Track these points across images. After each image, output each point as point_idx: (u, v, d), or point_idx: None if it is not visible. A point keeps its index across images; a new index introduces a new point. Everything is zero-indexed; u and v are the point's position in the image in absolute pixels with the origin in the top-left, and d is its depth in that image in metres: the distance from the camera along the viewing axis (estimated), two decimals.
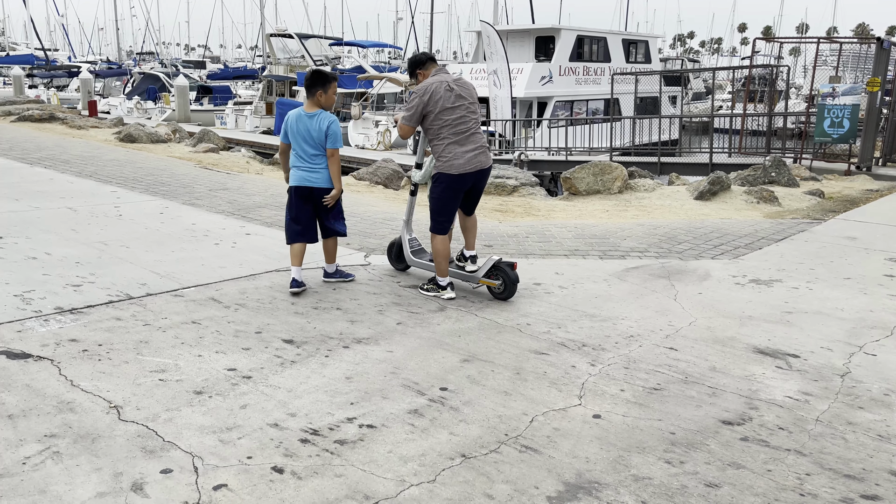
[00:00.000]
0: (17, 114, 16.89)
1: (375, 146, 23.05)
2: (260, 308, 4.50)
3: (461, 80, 4.87)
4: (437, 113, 4.70)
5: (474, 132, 4.80)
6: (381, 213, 7.80)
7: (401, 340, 4.05)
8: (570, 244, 6.52)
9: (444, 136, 4.73)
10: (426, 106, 4.71)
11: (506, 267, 4.86)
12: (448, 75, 4.83)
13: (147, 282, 4.91)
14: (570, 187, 9.71)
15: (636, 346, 4.07)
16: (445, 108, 4.70)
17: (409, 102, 4.81)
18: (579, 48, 23.15)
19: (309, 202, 4.89)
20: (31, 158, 10.54)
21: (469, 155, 4.74)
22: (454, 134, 4.73)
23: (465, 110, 4.76)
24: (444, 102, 4.70)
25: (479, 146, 4.79)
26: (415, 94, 4.76)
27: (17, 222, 6.41)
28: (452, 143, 4.72)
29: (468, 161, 4.73)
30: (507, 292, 4.87)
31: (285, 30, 34.36)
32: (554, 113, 22.01)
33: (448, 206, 4.83)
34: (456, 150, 4.72)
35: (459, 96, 4.76)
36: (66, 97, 34.85)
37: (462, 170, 4.71)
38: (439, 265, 4.91)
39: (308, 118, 4.82)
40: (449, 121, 4.71)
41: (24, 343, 3.74)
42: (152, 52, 63.52)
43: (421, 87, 4.76)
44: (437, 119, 4.71)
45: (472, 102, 4.83)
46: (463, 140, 4.74)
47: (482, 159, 4.79)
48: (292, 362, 3.68)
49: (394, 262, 5.57)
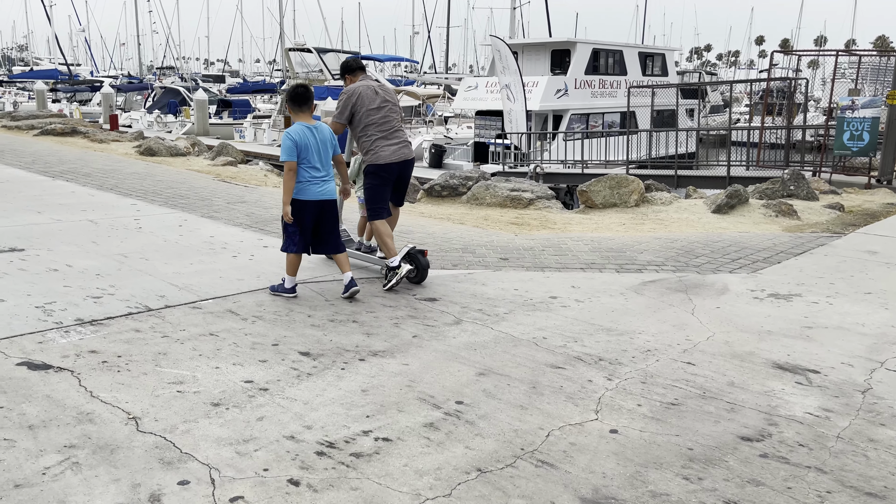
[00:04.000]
0: (40, 127, 17.17)
1: None
2: (277, 320, 4.53)
3: (384, 85, 5.56)
4: (363, 112, 5.27)
5: (397, 129, 5.40)
6: (398, 226, 7.81)
7: (416, 353, 4.05)
8: (587, 257, 6.50)
9: (372, 133, 5.30)
10: (354, 105, 5.29)
11: (418, 254, 5.37)
12: (373, 81, 5.46)
13: (166, 294, 4.96)
14: (587, 200, 9.69)
15: (653, 361, 4.05)
16: (371, 109, 5.29)
17: (338, 103, 5.35)
18: (595, 61, 23.18)
19: (317, 214, 4.96)
20: (54, 171, 10.71)
21: (393, 147, 5.33)
22: (380, 130, 5.31)
23: (389, 110, 5.37)
24: (369, 103, 5.28)
25: (402, 141, 5.42)
26: (343, 95, 5.33)
27: (39, 234, 6.51)
28: (379, 139, 5.31)
29: (393, 153, 5.32)
30: (420, 276, 5.38)
31: (304, 44, 34.73)
32: (570, 126, 22.01)
33: (379, 194, 5.38)
34: (382, 143, 5.31)
35: (384, 99, 5.36)
36: (89, 111, 35.39)
37: (388, 160, 5.30)
38: (385, 245, 5.34)
39: (315, 132, 4.90)
40: (375, 119, 5.30)
41: (45, 354, 3.79)
42: (172, 67, 64.44)
43: (349, 89, 5.35)
44: (365, 117, 5.28)
45: (395, 104, 5.46)
46: (388, 135, 5.34)
47: (405, 152, 5.41)
48: (308, 375, 3.70)
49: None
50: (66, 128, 16.77)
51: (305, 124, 4.89)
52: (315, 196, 4.89)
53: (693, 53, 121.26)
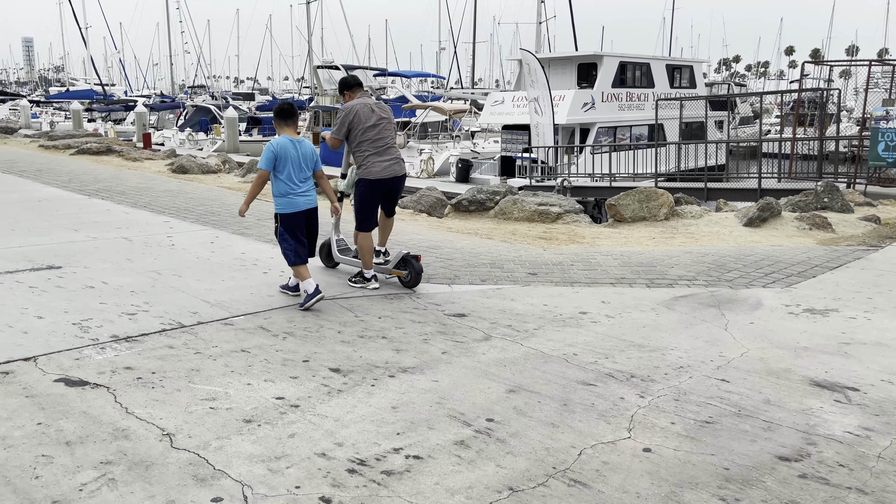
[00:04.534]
0: (76, 147, 17.59)
1: (419, 174, 23.28)
2: (307, 336, 4.56)
3: (380, 103, 5.78)
4: (359, 128, 5.53)
5: (390, 146, 5.65)
6: (426, 241, 7.85)
7: (446, 370, 4.04)
8: (617, 272, 6.45)
9: (366, 149, 5.55)
10: (350, 122, 5.54)
11: (412, 259, 5.69)
12: (370, 99, 5.70)
13: (198, 310, 5.02)
14: (616, 214, 9.63)
15: (686, 378, 3.99)
16: (367, 126, 5.54)
17: (336, 120, 5.63)
18: (622, 74, 23.08)
19: (304, 223, 5.25)
20: (89, 190, 10.95)
21: (385, 164, 5.59)
22: (374, 147, 5.56)
23: (383, 128, 5.61)
24: (365, 120, 5.53)
25: (394, 157, 5.66)
26: (341, 112, 5.60)
27: (75, 252, 6.65)
28: (372, 154, 5.56)
29: (384, 169, 5.57)
30: (413, 281, 5.70)
31: (332, 62, 35.18)
32: (597, 139, 21.92)
33: (368, 207, 5.66)
34: (375, 159, 5.56)
35: (379, 116, 5.60)
36: (123, 130, 36.20)
37: (379, 175, 5.56)
38: (364, 259, 5.68)
39: (297, 145, 5.18)
40: (370, 136, 5.55)
41: (82, 371, 3.86)
42: (204, 86, 65.66)
43: (346, 106, 5.61)
44: (361, 134, 5.53)
45: (390, 122, 5.68)
46: (381, 151, 5.58)
47: (396, 168, 5.65)
48: (339, 391, 3.71)
49: (325, 260, 6.38)
50: (101, 147, 17.16)
51: (289, 138, 5.17)
52: (299, 207, 5.20)
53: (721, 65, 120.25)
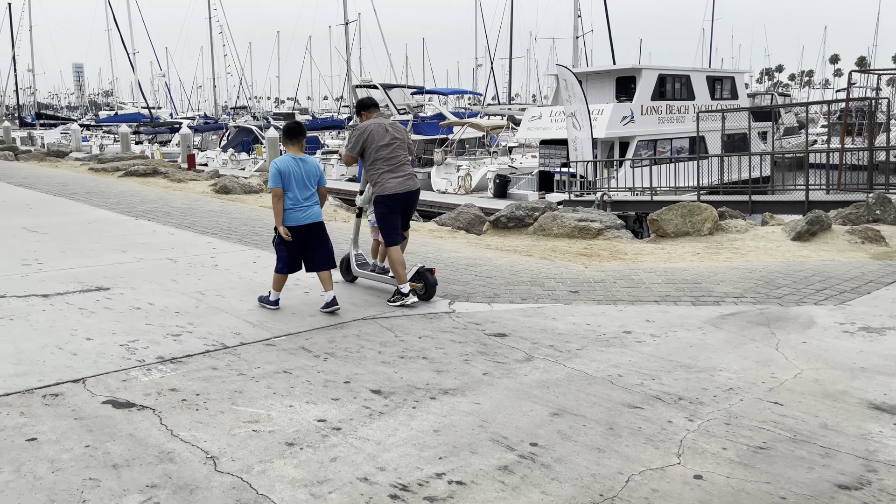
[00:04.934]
0: (123, 169, 18.08)
1: (457, 190, 23.32)
2: (348, 357, 4.55)
3: (395, 123, 6.07)
4: (373, 147, 5.80)
5: (403, 163, 5.91)
6: (464, 259, 7.81)
7: (487, 392, 3.99)
8: (661, 289, 6.31)
9: (380, 167, 5.82)
10: (365, 141, 5.82)
11: (426, 273, 5.90)
12: (385, 119, 6.01)
13: (241, 331, 5.07)
14: (658, 229, 9.47)
15: (737, 400, 3.86)
16: (381, 145, 5.80)
17: (350, 138, 5.97)
18: (661, 87, 22.83)
19: (306, 236, 5.53)
20: (136, 211, 11.22)
21: (399, 180, 5.83)
22: (387, 164, 5.82)
23: (397, 147, 5.87)
24: (378, 140, 5.80)
25: (407, 174, 5.91)
26: (356, 131, 5.91)
27: (123, 273, 6.80)
28: (385, 172, 5.82)
29: (398, 185, 5.82)
30: (428, 293, 5.88)
31: (370, 81, 35.61)
32: (636, 152, 21.69)
33: (389, 222, 5.89)
34: (388, 176, 5.82)
35: (393, 136, 5.88)
36: (168, 151, 37.12)
37: (393, 191, 5.81)
38: (398, 273, 5.80)
39: (301, 163, 5.50)
40: (383, 154, 5.81)
41: (129, 392, 3.91)
42: (246, 107, 67.08)
43: (361, 126, 5.92)
44: (375, 152, 5.80)
45: (403, 141, 5.95)
46: (394, 169, 5.84)
47: (409, 184, 5.90)
48: (380, 413, 3.68)
49: (344, 273, 6.59)
50: (148, 169, 17.61)
51: (293, 156, 5.52)
52: (299, 221, 5.46)
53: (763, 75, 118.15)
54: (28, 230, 9.18)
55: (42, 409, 3.67)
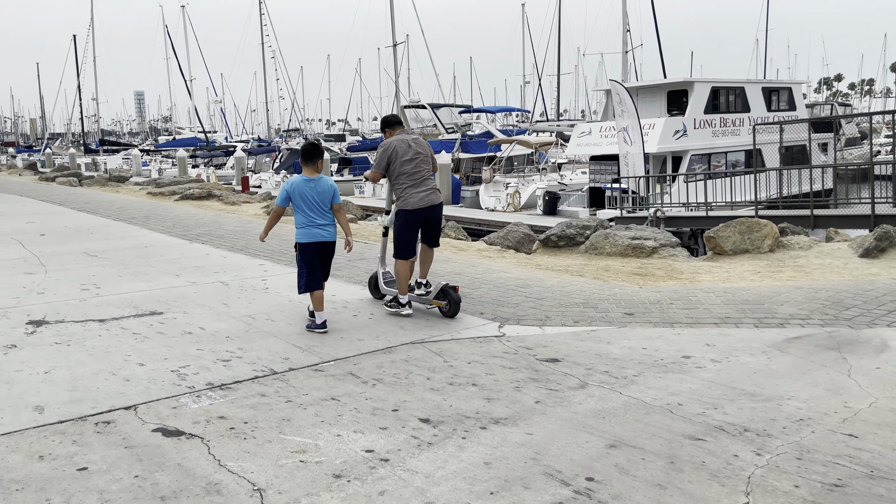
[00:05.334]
0: (180, 193, 18.57)
1: (505, 208, 23.19)
2: (396, 384, 4.47)
3: (418, 138, 6.23)
4: (397, 162, 6.00)
5: (426, 178, 6.08)
6: (514, 280, 7.68)
7: (540, 421, 3.84)
8: (720, 311, 6.06)
9: (403, 181, 6.02)
10: (389, 157, 6.03)
11: (450, 290, 6.01)
12: (408, 135, 6.21)
13: (290, 356, 5.04)
14: (715, 246, 9.16)
15: (808, 432, 3.62)
16: (405, 160, 6.00)
17: (377, 155, 6.17)
18: (715, 99, 22.32)
19: (321, 253, 5.68)
20: (191, 235, 11.45)
21: (422, 195, 6.02)
22: (411, 179, 6.02)
23: (420, 161, 6.06)
24: (402, 155, 6.00)
25: (430, 188, 6.08)
26: (380, 148, 6.13)
27: (176, 297, 6.89)
28: (409, 186, 6.01)
29: (420, 199, 6.00)
30: (452, 311, 6.01)
31: (418, 101, 35.92)
32: (690, 167, 21.20)
33: (406, 236, 6.05)
34: (412, 191, 6.00)
35: (416, 151, 6.07)
36: (223, 174, 38.07)
37: (416, 206, 6.00)
38: (400, 284, 6.06)
39: (313, 183, 5.64)
40: (407, 170, 6.01)
41: (178, 420, 3.90)
42: (298, 129, 68.49)
43: (385, 143, 6.13)
44: (399, 167, 6.00)
45: (426, 156, 6.14)
46: (417, 183, 6.02)
47: (432, 198, 6.07)
48: (429, 444, 3.58)
49: (372, 291, 6.81)
50: (203, 192, 18.03)
51: (305, 177, 5.67)
52: (314, 238, 5.64)
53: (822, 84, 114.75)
54: (88, 255, 9.44)
55: (94, 437, 3.68)
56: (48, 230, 12.13)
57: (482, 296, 6.87)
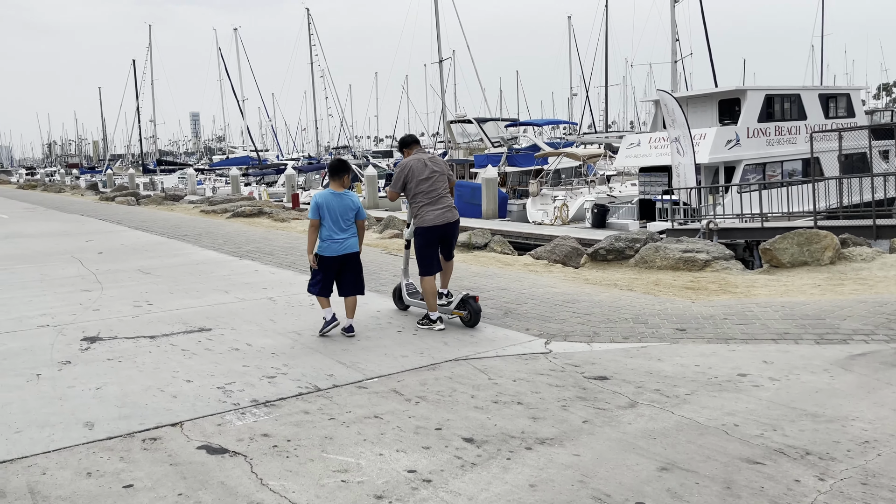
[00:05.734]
0: (231, 210, 18.96)
1: (553, 221, 22.97)
2: (440, 401, 4.40)
3: (434, 157, 6.42)
4: (414, 181, 6.19)
5: (442, 196, 6.25)
6: (561, 295, 7.54)
7: (588, 442, 3.72)
8: (778, 326, 5.81)
9: (420, 199, 6.20)
10: (406, 176, 6.23)
11: (471, 300, 6.14)
12: (425, 154, 6.38)
13: (334, 372, 5.03)
14: (771, 259, 8.84)
15: (874, 455, 3.40)
16: (421, 179, 6.19)
17: (394, 174, 6.36)
18: (769, 108, 21.73)
19: (339, 267, 5.94)
20: (241, 252, 11.64)
21: (438, 212, 6.19)
22: (427, 198, 6.20)
23: (436, 180, 6.23)
24: (419, 174, 6.19)
25: (446, 206, 6.25)
26: (398, 167, 6.32)
27: (224, 314, 6.98)
28: (426, 205, 6.20)
29: (437, 217, 6.18)
30: (473, 320, 6.12)
31: (464, 116, 36.00)
32: (744, 177, 20.64)
33: (427, 253, 6.23)
34: (428, 209, 6.19)
35: (432, 170, 6.24)
36: (275, 192, 38.84)
37: (432, 223, 6.17)
38: (429, 301, 6.16)
39: (340, 197, 5.90)
40: (423, 188, 6.19)
41: (223, 437, 3.91)
42: (347, 146, 69.43)
43: (402, 162, 6.33)
44: (415, 186, 6.20)
45: (442, 174, 6.30)
46: (434, 201, 6.20)
47: (448, 215, 6.24)
48: (473, 465, 3.49)
49: (396, 302, 6.98)
50: (254, 209, 18.37)
51: (332, 191, 5.91)
52: (334, 252, 5.89)
53: (880, 90, 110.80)
54: (142, 272, 9.68)
55: (140, 453, 3.72)
56: (105, 248, 12.50)
57: (528, 311, 6.76)
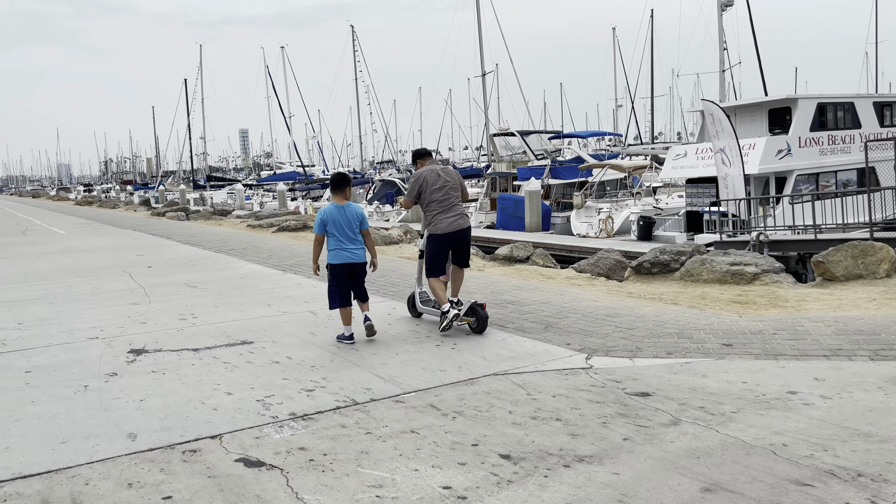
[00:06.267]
0: (277, 225, 19.28)
1: (598, 234, 22.70)
2: (477, 417, 4.35)
3: (447, 168, 6.74)
4: (428, 191, 6.53)
5: (454, 204, 6.59)
6: (603, 309, 7.41)
7: (628, 460, 3.61)
8: (830, 342, 5.59)
9: (434, 208, 6.54)
10: (420, 186, 6.57)
11: (478, 308, 6.43)
12: (437, 165, 6.69)
13: (371, 386, 5.02)
14: (824, 272, 8.54)
15: None
16: (434, 188, 6.52)
17: (409, 184, 6.73)
18: (821, 116, 21.11)
19: (349, 274, 6.23)
20: (285, 265, 11.80)
21: (450, 220, 6.53)
22: (441, 206, 6.53)
23: (449, 189, 6.56)
24: (432, 184, 6.53)
25: (458, 214, 6.59)
26: (412, 178, 6.66)
27: (266, 327, 7.06)
28: (439, 213, 6.54)
29: (449, 224, 6.52)
30: (480, 326, 6.40)
31: (507, 128, 35.98)
32: (795, 188, 20.07)
33: (436, 258, 6.60)
34: (441, 217, 6.52)
35: (444, 180, 6.57)
36: (319, 206, 39.33)
37: (444, 230, 6.51)
38: (437, 295, 6.50)
39: (343, 210, 6.21)
40: (437, 197, 6.53)
41: (260, 450, 3.93)
42: (391, 160, 70.11)
43: (417, 173, 6.68)
44: (429, 195, 6.53)
45: (455, 184, 6.63)
46: (447, 209, 6.54)
47: (460, 223, 6.57)
48: (509, 482, 3.43)
49: (410, 310, 7.28)
50: (298, 224, 18.64)
51: (335, 204, 6.25)
52: (343, 259, 6.19)
53: None
54: (188, 285, 9.89)
55: (180, 465, 3.76)
56: (154, 262, 12.83)
57: (569, 325, 6.66)
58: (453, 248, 6.62)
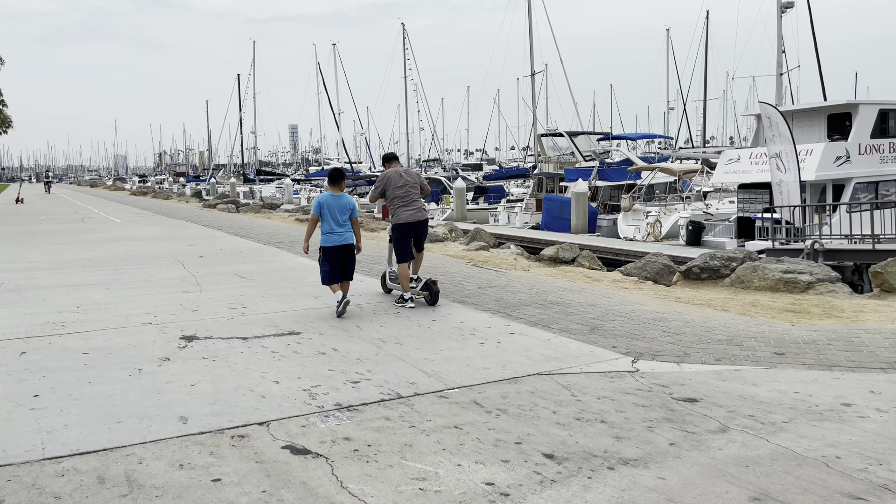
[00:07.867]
0: None
1: (645, 237, 22.38)
2: (521, 415, 4.34)
3: (408, 170, 8.02)
4: (392, 188, 7.83)
5: (414, 199, 7.88)
6: (650, 313, 7.31)
7: (674, 466, 3.57)
8: (888, 354, 5.41)
9: (397, 203, 7.84)
10: (385, 184, 7.87)
11: (431, 283, 7.78)
12: (401, 167, 8.05)
13: (416, 381, 5.06)
14: (882, 283, 8.26)
15: None
16: (397, 186, 7.82)
17: (376, 182, 7.94)
18: (883, 123, 20.39)
19: (338, 256, 7.25)
20: None
21: (410, 212, 7.83)
22: (402, 200, 7.84)
23: (409, 187, 7.86)
24: (395, 182, 7.84)
25: (417, 208, 7.89)
26: (379, 177, 7.93)
27: (313, 318, 7.17)
28: (401, 206, 7.84)
29: (409, 216, 7.83)
30: (432, 300, 7.76)
31: (555, 129, 35.71)
32: (854, 196, 19.44)
33: (402, 244, 7.83)
34: (403, 209, 7.84)
35: (406, 179, 7.86)
36: (365, 202, 39.72)
37: (405, 220, 7.82)
38: (403, 283, 7.76)
39: (337, 198, 7.30)
40: (399, 194, 7.83)
41: (306, 439, 4.00)
42: (437, 159, 70.29)
43: (383, 174, 7.96)
44: (392, 192, 7.83)
45: (415, 183, 7.93)
46: (407, 204, 7.84)
47: (418, 215, 7.87)
48: (552, 481, 3.42)
49: (383, 286, 8.60)
50: None
51: (331, 193, 7.33)
52: (333, 243, 7.24)
53: None
54: (238, 276, 10.10)
55: (229, 450, 3.85)
56: (206, 252, 13.13)
57: (615, 328, 6.59)
58: (413, 235, 7.86)
